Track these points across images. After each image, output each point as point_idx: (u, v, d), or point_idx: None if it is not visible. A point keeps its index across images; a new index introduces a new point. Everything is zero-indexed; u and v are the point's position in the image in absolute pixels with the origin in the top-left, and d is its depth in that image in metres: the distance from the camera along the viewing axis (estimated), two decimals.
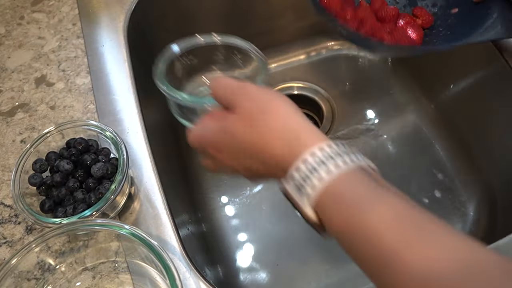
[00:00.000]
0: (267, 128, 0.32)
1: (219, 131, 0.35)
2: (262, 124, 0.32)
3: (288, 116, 0.32)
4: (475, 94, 0.67)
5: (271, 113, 0.33)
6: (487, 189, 0.67)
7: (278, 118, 0.32)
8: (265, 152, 0.32)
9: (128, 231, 0.42)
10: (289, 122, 0.32)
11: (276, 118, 0.32)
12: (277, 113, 0.33)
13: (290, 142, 0.31)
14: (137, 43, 0.66)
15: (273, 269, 0.65)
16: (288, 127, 0.32)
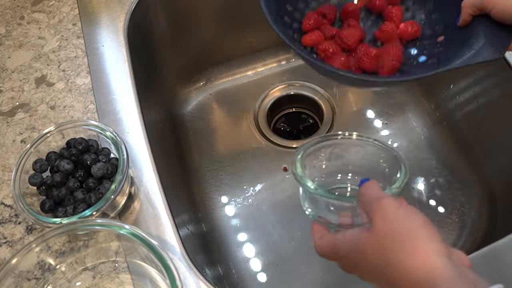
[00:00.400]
0: (399, 264, 0.30)
1: (350, 250, 0.34)
2: (395, 256, 0.30)
3: (429, 257, 0.29)
4: (475, 94, 0.67)
5: (407, 246, 0.30)
6: (487, 189, 0.67)
7: (416, 256, 0.29)
8: (394, 283, 0.30)
9: (128, 231, 0.42)
10: (428, 265, 0.28)
11: (412, 254, 0.29)
12: (415, 248, 0.30)
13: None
14: (137, 43, 0.66)
15: (273, 269, 0.65)
16: (425, 272, 0.28)
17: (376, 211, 0.33)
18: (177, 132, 0.78)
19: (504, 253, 0.46)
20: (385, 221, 0.32)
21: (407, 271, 0.29)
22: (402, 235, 0.31)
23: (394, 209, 0.32)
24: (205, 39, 0.79)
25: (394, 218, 0.32)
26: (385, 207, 0.32)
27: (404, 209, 0.32)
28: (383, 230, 0.32)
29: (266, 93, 0.82)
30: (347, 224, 0.40)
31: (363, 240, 0.33)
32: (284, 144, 0.76)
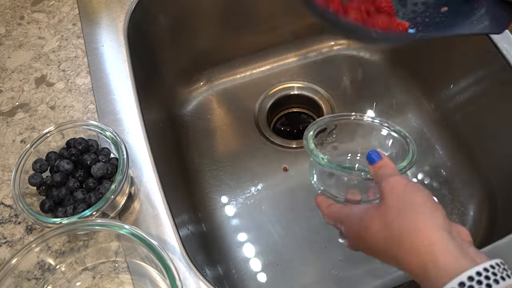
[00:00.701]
0: (402, 238, 0.31)
1: (357, 221, 0.36)
2: (398, 231, 0.31)
3: (430, 232, 0.30)
4: (475, 94, 0.67)
5: (411, 221, 0.31)
6: (487, 189, 0.67)
7: (418, 230, 0.31)
8: (398, 260, 0.32)
9: (128, 231, 0.42)
10: (429, 239, 0.30)
11: (415, 229, 0.31)
12: (417, 223, 0.31)
13: (426, 265, 0.30)
14: (137, 43, 0.66)
15: (273, 269, 0.65)
16: (426, 248, 0.30)
17: (385, 187, 0.34)
18: (177, 132, 0.78)
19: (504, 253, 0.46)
20: (392, 197, 0.33)
21: (409, 245, 0.31)
22: (406, 210, 0.32)
23: (401, 186, 0.34)
24: (205, 39, 0.79)
25: (401, 194, 0.33)
26: (393, 184, 0.34)
27: (411, 186, 0.34)
28: (389, 205, 0.33)
29: (266, 93, 0.82)
30: (354, 200, 0.41)
31: (370, 216, 0.34)
32: (284, 144, 0.76)
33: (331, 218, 0.40)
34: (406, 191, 0.33)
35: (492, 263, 0.29)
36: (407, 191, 0.33)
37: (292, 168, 0.73)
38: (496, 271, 0.29)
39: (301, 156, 0.75)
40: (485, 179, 0.68)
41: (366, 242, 0.35)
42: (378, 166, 0.37)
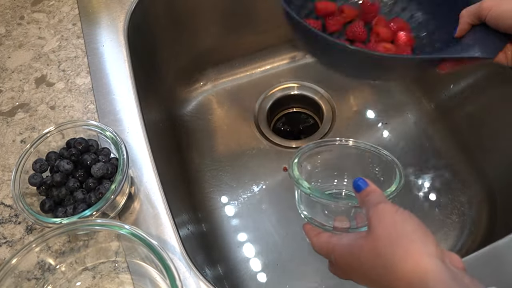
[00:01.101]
0: (394, 267, 0.30)
1: (347, 251, 0.35)
2: (390, 260, 0.31)
3: (422, 260, 0.29)
4: (475, 94, 0.67)
5: (403, 249, 0.31)
6: (487, 189, 0.67)
7: (410, 259, 0.30)
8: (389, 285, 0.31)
9: (128, 231, 0.42)
10: (421, 268, 0.29)
11: (406, 257, 0.30)
12: (409, 251, 0.30)
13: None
14: (137, 43, 0.66)
15: (273, 269, 0.65)
16: (419, 276, 0.29)
17: (374, 215, 0.33)
18: (177, 132, 0.78)
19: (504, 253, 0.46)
20: (382, 225, 0.33)
21: (401, 273, 0.30)
22: (397, 238, 0.31)
23: (390, 213, 0.33)
24: (205, 39, 0.79)
25: (390, 222, 0.32)
26: (382, 212, 0.33)
27: (401, 213, 0.33)
28: (379, 234, 0.32)
29: (266, 93, 0.82)
30: (342, 227, 0.40)
31: (359, 245, 0.34)
32: (284, 144, 0.76)
33: (320, 248, 0.38)
34: (396, 220, 0.32)
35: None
36: (397, 220, 0.32)
37: None
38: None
39: None
40: (485, 179, 0.68)
41: (357, 272, 0.34)
42: (365, 194, 0.36)
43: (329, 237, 0.38)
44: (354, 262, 0.34)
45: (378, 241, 0.32)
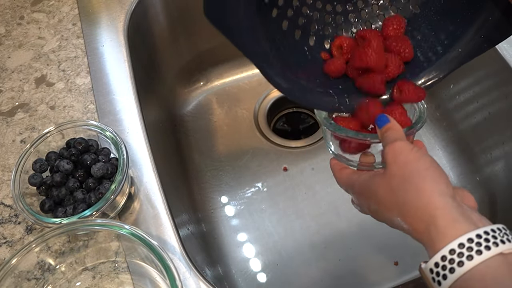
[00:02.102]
0: (407, 203, 0.32)
1: (365, 187, 0.37)
2: (402, 197, 0.33)
3: (433, 197, 0.31)
4: (475, 94, 0.67)
5: (415, 187, 0.32)
6: (487, 189, 0.67)
7: (421, 196, 0.32)
8: (403, 224, 0.33)
9: (128, 231, 0.42)
10: (432, 204, 0.31)
11: (418, 195, 0.32)
12: (421, 189, 0.32)
13: (428, 227, 0.31)
14: (137, 43, 0.66)
15: (273, 269, 0.65)
16: (428, 211, 0.31)
17: (390, 152, 0.35)
18: (177, 132, 0.78)
19: None
20: (396, 163, 0.34)
21: (413, 210, 0.32)
22: (410, 176, 0.33)
23: (406, 151, 0.34)
24: (205, 39, 0.79)
25: (405, 160, 0.33)
26: (398, 150, 0.34)
27: (415, 152, 0.34)
28: (394, 171, 0.34)
29: (266, 93, 0.82)
30: (366, 162, 0.41)
31: (376, 182, 0.35)
32: (284, 144, 0.76)
33: (342, 183, 0.40)
34: (410, 158, 0.33)
35: (494, 227, 0.30)
36: (411, 158, 0.33)
37: (292, 168, 0.73)
38: (496, 234, 0.29)
39: (301, 156, 0.75)
40: (485, 179, 0.68)
41: (373, 207, 0.36)
42: (385, 130, 0.37)
43: (351, 174, 0.39)
44: (371, 198, 0.36)
45: (393, 179, 0.33)
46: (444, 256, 0.29)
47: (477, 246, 0.29)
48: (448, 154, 0.73)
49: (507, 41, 0.60)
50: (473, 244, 0.29)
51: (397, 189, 0.33)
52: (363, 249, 0.66)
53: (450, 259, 0.29)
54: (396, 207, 0.33)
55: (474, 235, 0.29)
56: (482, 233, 0.29)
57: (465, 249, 0.29)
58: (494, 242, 0.29)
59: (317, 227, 0.68)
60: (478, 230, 0.29)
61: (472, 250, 0.28)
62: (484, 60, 0.63)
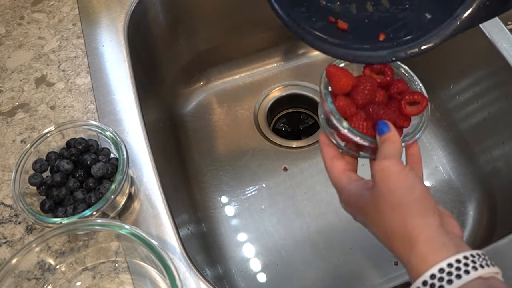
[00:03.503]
0: (392, 229, 0.33)
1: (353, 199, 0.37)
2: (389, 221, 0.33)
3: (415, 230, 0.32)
4: (475, 94, 0.67)
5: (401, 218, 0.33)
6: (487, 189, 0.67)
7: (407, 228, 0.32)
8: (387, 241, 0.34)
9: (128, 231, 0.42)
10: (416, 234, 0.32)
11: (404, 226, 0.32)
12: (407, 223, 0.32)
13: (410, 253, 0.32)
14: (137, 43, 0.66)
15: (273, 269, 0.65)
16: (412, 241, 0.32)
17: (379, 170, 0.34)
18: (177, 132, 0.78)
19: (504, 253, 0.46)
20: (385, 184, 0.33)
21: (397, 237, 0.33)
22: (398, 207, 0.33)
23: (394, 175, 0.33)
24: (205, 39, 0.79)
25: (393, 184, 0.33)
26: (387, 172, 0.34)
27: (404, 177, 0.33)
28: (382, 193, 0.33)
29: (266, 93, 0.82)
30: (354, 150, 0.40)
31: (364, 197, 0.35)
32: (284, 144, 0.76)
33: (331, 181, 0.39)
34: (399, 184, 0.33)
35: (473, 253, 0.31)
36: (400, 185, 0.33)
37: (292, 168, 0.73)
38: (475, 259, 0.30)
39: (301, 156, 0.75)
40: (485, 179, 0.68)
41: (360, 219, 0.37)
42: (382, 140, 0.36)
43: (340, 175, 0.38)
44: (359, 211, 0.36)
45: (381, 201, 0.33)
46: (425, 281, 0.30)
47: (456, 271, 0.30)
48: (448, 154, 0.73)
49: (507, 41, 0.60)
50: (452, 269, 0.30)
51: (384, 213, 0.33)
52: (363, 249, 0.66)
53: (431, 284, 0.30)
54: (382, 228, 0.34)
55: (453, 260, 0.30)
56: (461, 258, 0.30)
57: (445, 273, 0.30)
58: (474, 266, 0.30)
59: (317, 227, 0.68)
60: (457, 255, 0.30)
61: (451, 275, 0.29)
62: (484, 60, 0.63)
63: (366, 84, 0.39)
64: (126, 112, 0.56)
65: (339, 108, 0.38)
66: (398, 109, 0.40)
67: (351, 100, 0.39)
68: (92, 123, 0.50)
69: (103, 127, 0.49)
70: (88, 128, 0.50)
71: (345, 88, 0.39)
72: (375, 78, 0.41)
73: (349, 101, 0.39)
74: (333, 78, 0.39)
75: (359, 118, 0.39)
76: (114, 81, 0.59)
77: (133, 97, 0.57)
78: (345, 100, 0.39)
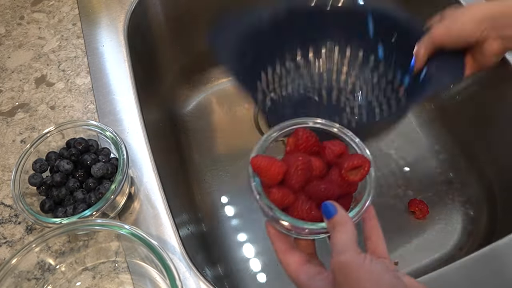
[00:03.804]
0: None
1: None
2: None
3: None
4: (475, 94, 0.67)
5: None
6: (487, 189, 0.67)
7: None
8: None
9: (128, 231, 0.42)
10: None
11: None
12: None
13: None
14: (137, 43, 0.66)
15: (273, 269, 0.65)
16: None
17: (337, 268, 0.31)
18: (177, 132, 0.78)
19: (504, 253, 0.46)
20: (348, 283, 0.30)
21: None
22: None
23: (356, 269, 0.30)
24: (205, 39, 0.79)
25: (357, 282, 0.29)
26: (346, 267, 0.30)
27: (367, 271, 0.30)
28: None
29: None
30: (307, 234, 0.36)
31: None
32: None
33: (288, 274, 0.35)
34: (361, 277, 0.29)
35: None
36: (362, 278, 0.29)
37: None
38: None
39: None
40: (485, 179, 0.68)
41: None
42: (331, 226, 0.33)
43: (298, 271, 0.34)
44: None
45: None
46: None
47: None
48: (448, 154, 0.73)
49: None
50: None
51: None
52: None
53: None
54: None
55: None
56: None
57: None
58: None
59: None
60: None
61: None
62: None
63: (297, 163, 0.35)
64: (126, 112, 0.56)
65: (275, 202, 0.35)
66: (340, 176, 0.36)
67: (287, 188, 0.35)
68: (92, 123, 0.50)
69: (103, 127, 0.49)
70: (88, 128, 0.50)
71: (276, 179, 0.35)
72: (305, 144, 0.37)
73: (284, 190, 0.35)
74: (261, 171, 0.35)
75: (301, 204, 0.35)
76: (114, 81, 0.59)
77: (133, 97, 0.57)
78: (279, 191, 0.35)
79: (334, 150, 0.37)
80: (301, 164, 0.35)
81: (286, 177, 0.35)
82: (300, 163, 0.35)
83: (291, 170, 0.35)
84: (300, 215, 0.35)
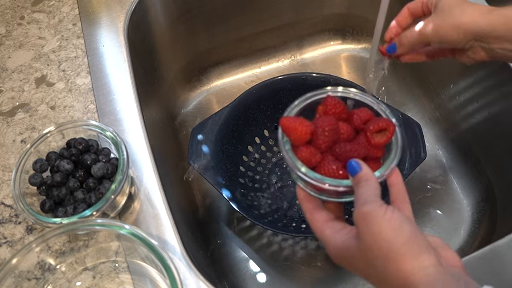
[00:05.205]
0: (386, 279, 0.30)
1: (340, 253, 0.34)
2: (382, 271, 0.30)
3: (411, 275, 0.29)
4: (475, 94, 0.67)
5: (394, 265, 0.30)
6: (487, 189, 0.67)
7: (400, 275, 0.29)
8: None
9: (128, 231, 0.42)
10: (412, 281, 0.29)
11: (397, 274, 0.29)
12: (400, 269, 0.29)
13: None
14: (137, 43, 0.66)
15: (273, 269, 0.65)
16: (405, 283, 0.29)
17: (360, 220, 0.32)
18: (177, 132, 0.78)
19: (504, 253, 0.46)
20: (370, 234, 0.31)
21: (393, 286, 0.30)
22: (388, 252, 0.30)
23: (378, 220, 0.31)
24: (205, 39, 0.79)
25: (379, 233, 0.30)
26: (369, 220, 0.31)
27: (389, 220, 0.31)
28: (369, 243, 0.31)
29: None
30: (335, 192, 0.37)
31: (351, 251, 0.33)
32: None
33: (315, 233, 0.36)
34: (384, 230, 0.30)
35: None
36: (386, 230, 0.30)
37: None
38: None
39: None
40: (485, 179, 0.68)
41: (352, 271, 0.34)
42: (356, 181, 0.34)
43: (322, 227, 0.35)
44: (349, 264, 0.34)
45: (369, 252, 0.31)
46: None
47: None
48: (448, 154, 0.73)
49: None
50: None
51: (375, 265, 0.31)
52: None
53: None
54: (376, 280, 0.32)
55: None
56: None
57: None
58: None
59: None
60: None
61: None
62: None
63: (324, 125, 0.36)
64: (126, 112, 0.56)
65: (303, 160, 0.36)
66: (366, 139, 0.37)
67: (314, 147, 0.36)
68: (92, 123, 0.50)
69: (103, 127, 0.49)
70: (88, 128, 0.50)
71: (304, 138, 0.36)
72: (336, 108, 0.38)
73: (312, 149, 0.36)
74: (289, 131, 0.37)
75: (327, 163, 0.36)
76: (114, 81, 0.59)
77: (133, 97, 0.57)
78: (307, 149, 0.36)
79: (362, 116, 0.38)
80: (328, 125, 0.36)
81: (313, 138, 0.37)
82: (328, 124, 0.36)
83: (318, 130, 0.36)
84: (327, 174, 0.36)
